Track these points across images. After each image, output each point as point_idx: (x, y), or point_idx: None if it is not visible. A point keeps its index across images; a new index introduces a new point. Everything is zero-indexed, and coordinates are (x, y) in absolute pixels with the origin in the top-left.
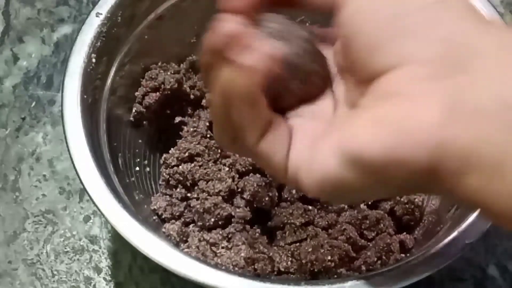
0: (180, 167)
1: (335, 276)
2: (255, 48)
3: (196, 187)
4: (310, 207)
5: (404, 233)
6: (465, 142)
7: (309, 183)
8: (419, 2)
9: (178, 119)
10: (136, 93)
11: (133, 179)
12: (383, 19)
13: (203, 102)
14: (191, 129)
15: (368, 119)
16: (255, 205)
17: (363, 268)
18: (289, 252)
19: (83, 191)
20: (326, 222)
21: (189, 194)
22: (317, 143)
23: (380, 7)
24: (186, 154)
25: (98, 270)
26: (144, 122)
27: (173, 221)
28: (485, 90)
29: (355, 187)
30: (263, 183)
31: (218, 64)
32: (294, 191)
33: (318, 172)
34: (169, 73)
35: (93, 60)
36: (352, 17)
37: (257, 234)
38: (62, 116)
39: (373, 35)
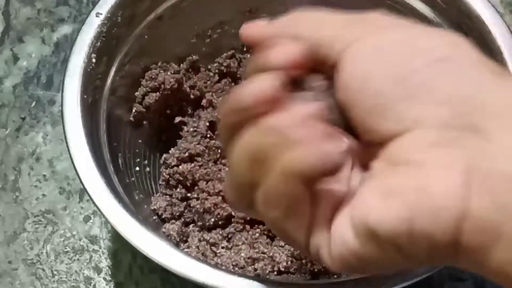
0: (180, 167)
1: (335, 276)
2: (296, 113)
3: (196, 187)
4: None
5: None
6: (487, 212)
7: (331, 259)
8: (423, 59)
9: (178, 119)
10: (136, 93)
11: (133, 179)
12: (387, 81)
13: (203, 102)
14: (191, 129)
15: (379, 190)
16: None
17: None
18: (289, 252)
19: (83, 191)
20: None
21: (189, 194)
22: (336, 217)
23: (383, 68)
24: (186, 154)
25: (98, 270)
26: (144, 122)
27: (173, 221)
28: (502, 155)
29: (376, 260)
30: None
31: (247, 125)
32: None
33: (337, 247)
34: (169, 73)
35: (93, 60)
36: (352, 80)
37: (257, 234)
38: (62, 116)
39: (377, 98)
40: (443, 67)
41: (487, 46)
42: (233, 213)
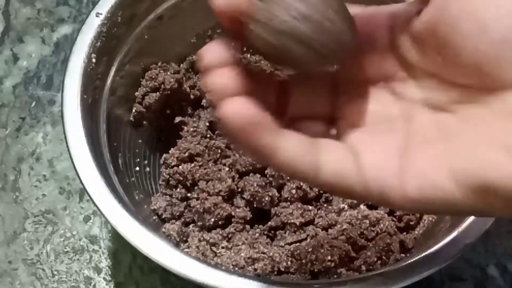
0: (180, 167)
1: (335, 276)
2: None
3: (196, 187)
4: (310, 207)
5: (404, 233)
6: None
7: (404, 199)
8: None
9: (178, 119)
10: (136, 93)
11: (133, 179)
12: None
13: (203, 102)
14: (191, 129)
15: (501, 145)
16: (255, 205)
17: (363, 268)
18: (289, 252)
19: (83, 191)
20: (326, 222)
21: (189, 194)
22: (407, 157)
23: (508, 14)
24: (186, 154)
25: (98, 270)
26: (144, 122)
27: (173, 221)
28: None
29: (469, 209)
30: (263, 183)
31: None
32: (294, 191)
33: (422, 190)
34: (169, 73)
35: (93, 60)
36: (469, 18)
37: (257, 234)
38: (62, 116)
39: (500, 43)
40: None
41: None
42: (233, 213)
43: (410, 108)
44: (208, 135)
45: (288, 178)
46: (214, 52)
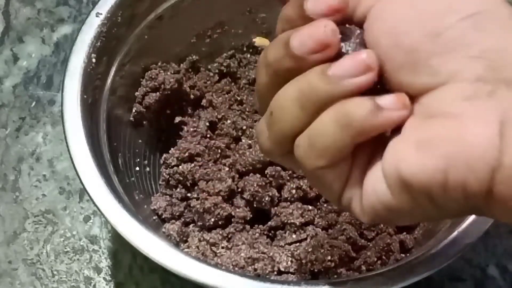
0: (180, 167)
1: (335, 276)
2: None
3: (196, 187)
4: (310, 207)
5: (404, 233)
6: None
7: (362, 211)
8: (458, 14)
9: (178, 119)
10: (136, 93)
11: (133, 179)
12: (420, 36)
13: (203, 102)
14: (191, 129)
15: (413, 141)
16: (255, 205)
17: (363, 268)
18: (289, 252)
19: (83, 191)
20: (326, 222)
21: (189, 194)
22: (369, 170)
23: (415, 24)
24: (186, 154)
25: (98, 270)
26: (144, 122)
27: (173, 221)
28: None
29: (407, 211)
30: (263, 183)
31: (304, 71)
32: (294, 191)
33: (369, 199)
34: (169, 73)
35: (93, 60)
36: (383, 36)
37: (257, 234)
38: (62, 116)
39: (411, 54)
40: (476, 22)
41: None
42: (233, 213)
43: None
44: (208, 135)
45: (288, 178)
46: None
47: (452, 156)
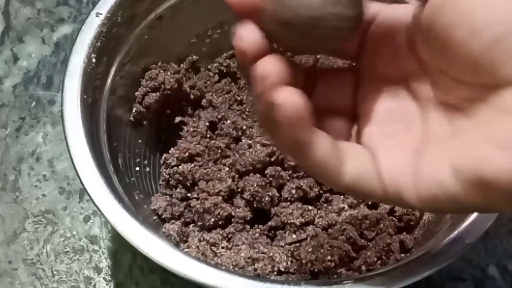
0: (180, 167)
1: (335, 276)
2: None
3: (196, 187)
4: (310, 207)
5: (404, 233)
6: None
7: (417, 199)
8: None
9: (178, 119)
10: (136, 93)
11: (133, 179)
12: (506, 28)
13: (203, 102)
14: (191, 129)
15: (494, 139)
16: (255, 205)
17: (363, 268)
18: (289, 252)
19: (83, 191)
20: (326, 222)
21: (189, 194)
22: (420, 157)
23: (500, 15)
24: (186, 154)
25: (98, 270)
26: (144, 122)
27: (173, 221)
28: None
29: (473, 205)
30: (263, 183)
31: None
32: (294, 191)
33: (430, 189)
34: (169, 73)
35: (93, 60)
36: (462, 23)
37: (257, 234)
38: (62, 116)
39: (493, 44)
40: None
41: None
42: (233, 213)
43: (426, 106)
44: (208, 135)
45: (288, 178)
46: (251, 38)
47: None
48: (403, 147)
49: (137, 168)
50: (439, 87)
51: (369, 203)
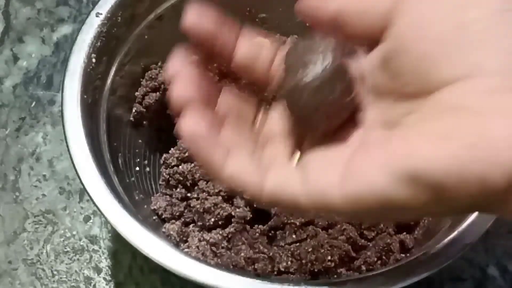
0: (180, 167)
1: (335, 276)
2: None
3: (196, 187)
4: None
5: (404, 233)
6: None
7: (342, 200)
8: (485, 10)
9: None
10: (136, 93)
11: (133, 179)
12: (446, 29)
13: None
14: None
15: (430, 134)
16: (255, 205)
17: (363, 268)
18: (289, 252)
19: (83, 191)
20: (326, 222)
21: (189, 194)
22: (349, 163)
23: (442, 17)
24: (186, 154)
25: (98, 270)
26: (144, 122)
27: (173, 221)
28: None
29: (408, 205)
30: None
31: None
32: None
33: (358, 189)
34: None
35: (93, 60)
36: (410, 27)
37: (257, 234)
38: (62, 116)
39: (436, 45)
40: (504, 17)
41: None
42: (233, 213)
43: (368, 131)
44: None
45: None
46: (174, 64)
47: (474, 148)
48: (334, 157)
49: (137, 168)
50: (383, 108)
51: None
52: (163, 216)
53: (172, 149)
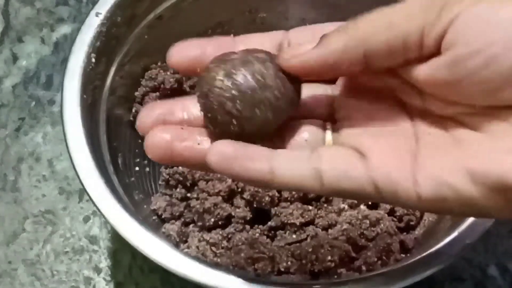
0: (180, 167)
1: (335, 276)
2: None
3: (196, 187)
4: (310, 207)
5: (404, 233)
6: None
7: (417, 199)
8: None
9: None
10: (136, 93)
11: (133, 179)
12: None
13: None
14: None
15: None
16: (255, 205)
17: (363, 268)
18: (289, 252)
19: (83, 191)
20: (326, 222)
21: (189, 194)
22: (418, 159)
23: (503, 33)
24: None
25: (98, 270)
26: None
27: (173, 221)
28: None
29: (482, 207)
30: None
31: None
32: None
33: (436, 191)
34: (169, 73)
35: (93, 60)
36: (476, 54)
37: (257, 234)
38: (62, 116)
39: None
40: None
41: None
42: (233, 213)
43: (413, 113)
44: None
45: None
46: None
47: None
48: (396, 148)
49: (137, 168)
50: (432, 103)
51: (369, 203)
52: (163, 216)
53: None
